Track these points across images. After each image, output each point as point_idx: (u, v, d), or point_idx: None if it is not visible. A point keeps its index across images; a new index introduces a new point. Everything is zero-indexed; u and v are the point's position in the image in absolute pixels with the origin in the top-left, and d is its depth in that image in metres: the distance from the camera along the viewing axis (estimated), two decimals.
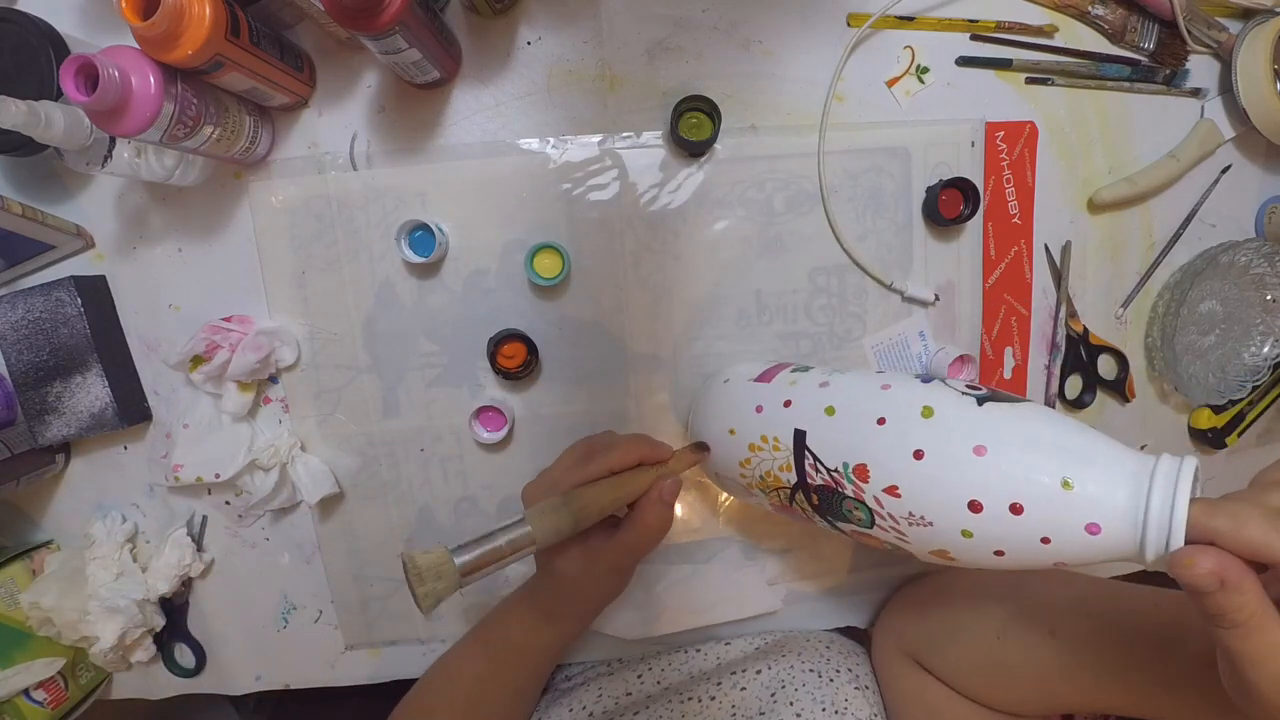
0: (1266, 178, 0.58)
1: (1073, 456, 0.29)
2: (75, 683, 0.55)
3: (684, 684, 0.52)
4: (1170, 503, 0.26)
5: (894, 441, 0.34)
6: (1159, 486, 0.27)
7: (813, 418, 0.39)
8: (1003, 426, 0.32)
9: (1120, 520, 0.28)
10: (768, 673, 0.49)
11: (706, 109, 0.49)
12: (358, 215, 0.51)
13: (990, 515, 0.30)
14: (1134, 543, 0.28)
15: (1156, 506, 0.27)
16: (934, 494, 0.32)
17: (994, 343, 0.57)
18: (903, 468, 0.33)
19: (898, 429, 0.34)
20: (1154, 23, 0.53)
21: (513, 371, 0.51)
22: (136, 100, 0.36)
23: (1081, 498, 0.29)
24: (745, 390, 0.46)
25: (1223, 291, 0.58)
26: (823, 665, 0.50)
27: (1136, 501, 0.27)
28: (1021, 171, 0.54)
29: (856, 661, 0.53)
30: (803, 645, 0.53)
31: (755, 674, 0.49)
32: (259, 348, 0.49)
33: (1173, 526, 0.26)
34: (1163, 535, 0.27)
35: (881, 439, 0.35)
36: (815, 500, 0.39)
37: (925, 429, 0.33)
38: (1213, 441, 0.61)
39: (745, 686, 0.49)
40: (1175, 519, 0.26)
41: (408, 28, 0.38)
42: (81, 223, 0.51)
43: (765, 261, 0.53)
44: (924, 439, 0.33)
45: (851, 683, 0.49)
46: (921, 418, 0.33)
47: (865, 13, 0.50)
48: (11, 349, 0.49)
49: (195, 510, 0.56)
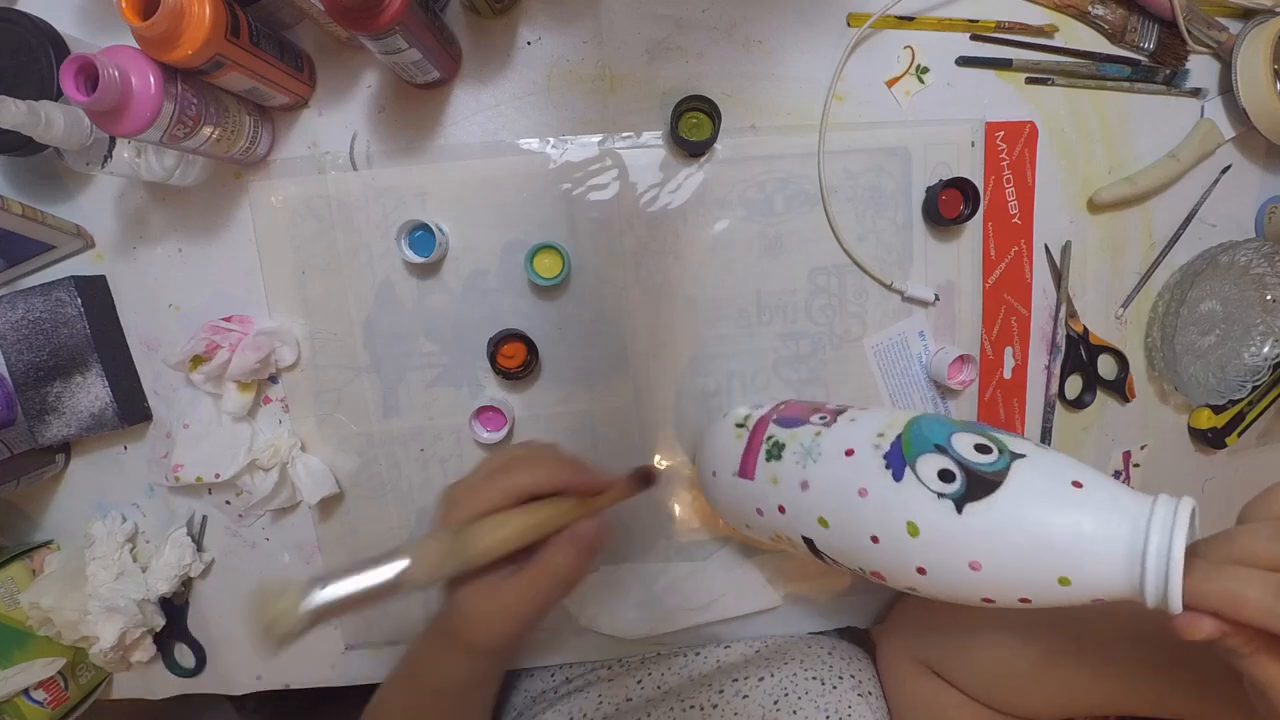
0: (1266, 178, 0.58)
1: (1061, 555, 0.30)
2: (75, 683, 0.55)
3: (685, 689, 0.51)
4: (1164, 584, 0.27)
5: (896, 560, 0.34)
6: (1152, 566, 0.27)
7: (812, 529, 0.38)
8: (988, 538, 0.31)
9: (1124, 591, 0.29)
10: (770, 680, 0.49)
11: (706, 109, 0.49)
12: (358, 215, 0.51)
13: (1003, 604, 0.32)
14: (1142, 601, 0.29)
15: (1151, 587, 0.28)
16: (950, 594, 0.33)
17: (994, 343, 0.57)
18: (913, 579, 0.34)
19: (894, 549, 0.34)
20: (1154, 23, 0.53)
21: (513, 371, 0.51)
22: (136, 100, 0.36)
23: (1081, 588, 0.30)
24: (736, 490, 0.44)
25: (1223, 291, 0.58)
26: (825, 672, 0.50)
27: (1132, 579, 0.28)
28: (1021, 171, 0.54)
29: (859, 667, 0.52)
30: (805, 651, 0.53)
31: (758, 681, 0.49)
32: (259, 348, 0.49)
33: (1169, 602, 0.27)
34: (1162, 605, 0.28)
35: (883, 556, 0.35)
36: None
37: (919, 548, 0.33)
38: (1213, 441, 0.61)
39: (748, 694, 0.48)
40: (1171, 598, 0.27)
41: (408, 28, 0.38)
42: (81, 223, 0.51)
43: (765, 261, 0.53)
44: (921, 558, 0.33)
45: (855, 689, 0.49)
46: (910, 537, 0.33)
47: (865, 13, 0.50)
48: (11, 349, 0.49)
49: (195, 510, 0.56)
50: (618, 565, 0.57)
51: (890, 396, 0.56)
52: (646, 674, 0.54)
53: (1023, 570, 0.30)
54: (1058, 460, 0.32)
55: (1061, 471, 0.31)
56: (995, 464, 0.32)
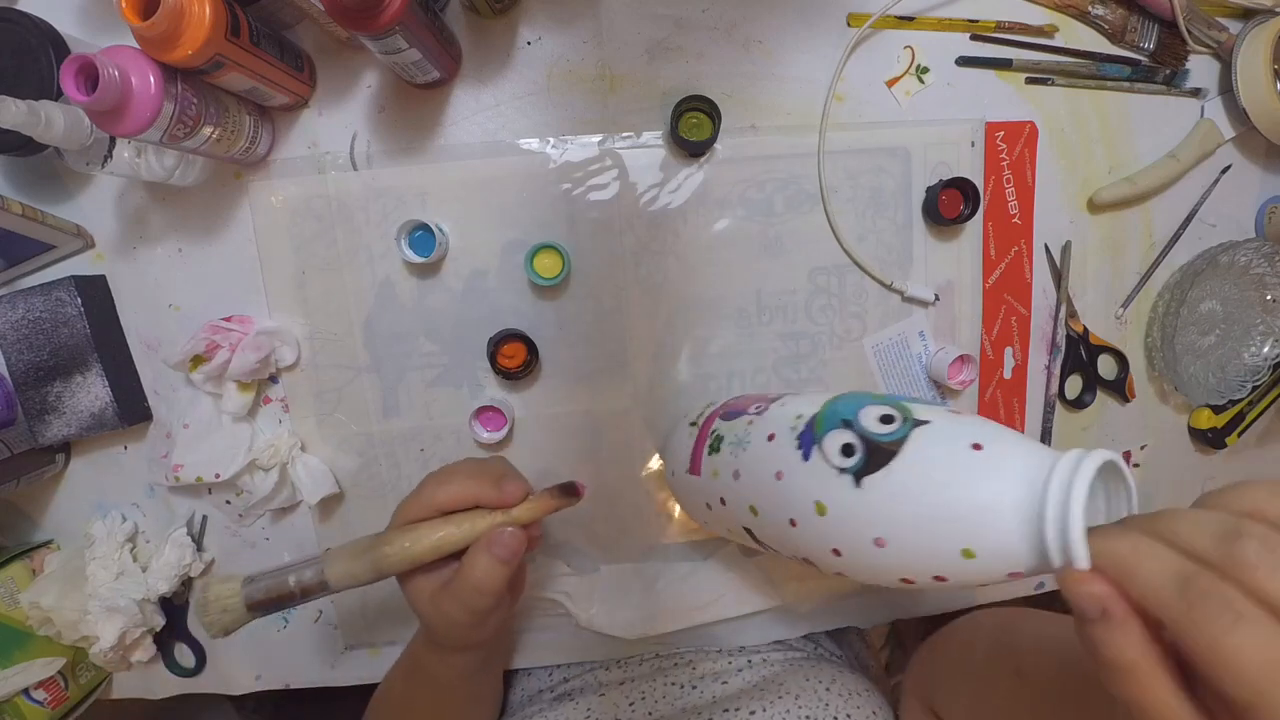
0: (1266, 178, 0.58)
1: (960, 523, 0.27)
2: (75, 683, 0.55)
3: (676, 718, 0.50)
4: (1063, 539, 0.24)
5: (815, 543, 0.33)
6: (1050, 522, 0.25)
7: (748, 518, 0.38)
8: (887, 511, 0.29)
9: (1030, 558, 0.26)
10: (761, 715, 0.48)
11: (706, 109, 0.49)
12: (358, 215, 0.51)
13: (922, 585, 0.30)
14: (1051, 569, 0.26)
15: (1053, 545, 0.25)
16: (869, 576, 0.32)
17: (994, 343, 0.57)
18: (834, 562, 0.33)
19: (810, 531, 0.33)
20: (1154, 23, 0.53)
21: (513, 371, 0.51)
22: (136, 100, 0.36)
23: (988, 560, 0.27)
24: (689, 486, 0.45)
25: (1223, 291, 0.58)
26: (819, 710, 0.48)
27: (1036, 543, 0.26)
28: (1021, 171, 0.54)
29: (856, 705, 0.50)
30: (801, 686, 0.51)
31: (749, 714, 0.48)
32: (259, 348, 0.49)
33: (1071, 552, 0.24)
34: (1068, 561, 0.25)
35: (803, 540, 0.34)
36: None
37: (830, 529, 0.32)
38: (1213, 441, 0.61)
39: None
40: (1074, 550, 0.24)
41: (408, 28, 0.38)
42: (81, 223, 0.51)
43: (765, 261, 0.53)
44: (833, 538, 0.32)
45: None
46: (820, 517, 0.32)
47: (865, 13, 0.50)
48: (11, 349, 0.49)
49: (195, 510, 0.56)
50: (619, 566, 0.57)
51: None
52: (640, 697, 0.53)
53: (924, 544, 0.28)
54: (962, 424, 0.30)
55: (961, 435, 0.29)
56: (895, 433, 0.30)
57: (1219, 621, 0.20)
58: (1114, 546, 0.23)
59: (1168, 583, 0.21)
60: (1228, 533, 0.21)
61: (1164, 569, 0.22)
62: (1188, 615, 0.21)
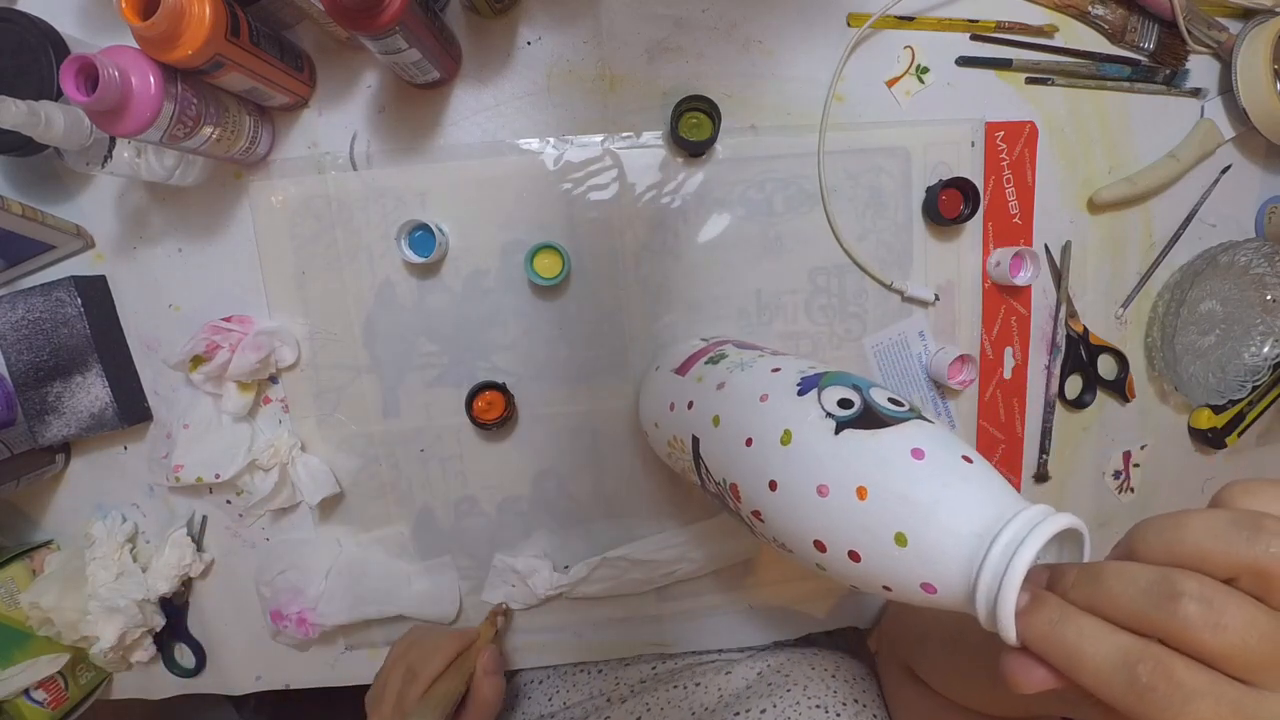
0: (1266, 178, 0.58)
1: (914, 509, 0.26)
2: (75, 683, 0.55)
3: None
4: (992, 606, 0.23)
5: (757, 468, 0.32)
6: (985, 579, 0.24)
7: (705, 425, 0.38)
8: (851, 464, 0.29)
9: (955, 588, 0.25)
10: (773, 711, 0.48)
11: (706, 109, 0.49)
12: (358, 215, 0.51)
13: (833, 557, 0.29)
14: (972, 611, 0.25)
15: (981, 603, 0.24)
16: (787, 526, 0.31)
17: (994, 343, 0.57)
18: (762, 497, 0.32)
19: (761, 455, 0.32)
20: (1154, 23, 0.53)
21: (489, 423, 0.52)
22: (136, 100, 0.36)
23: (915, 556, 0.26)
24: (666, 383, 0.45)
25: (1223, 291, 0.58)
26: (829, 698, 0.49)
27: (968, 574, 0.25)
28: (1021, 171, 0.54)
29: (863, 689, 0.51)
30: (808, 675, 0.51)
31: (760, 713, 0.48)
32: (259, 348, 0.49)
33: (999, 629, 0.23)
34: (992, 623, 0.24)
35: (748, 463, 0.33)
36: (722, 503, 0.38)
37: (781, 459, 0.31)
38: (1213, 441, 0.61)
39: None
40: (1001, 626, 0.23)
41: (408, 28, 0.38)
42: (81, 223, 0.51)
43: (765, 261, 0.53)
44: (778, 470, 0.31)
45: (857, 716, 0.48)
46: (780, 445, 0.31)
47: (865, 13, 0.50)
48: (11, 349, 0.49)
49: (195, 510, 0.56)
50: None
51: None
52: (645, 710, 0.53)
53: (865, 511, 0.27)
54: (960, 440, 0.30)
55: (957, 445, 0.29)
56: (898, 412, 0.30)
57: (1169, 707, 0.20)
58: (1057, 633, 0.23)
59: (1113, 673, 0.21)
60: (1164, 593, 0.21)
61: (1107, 654, 0.21)
62: (1139, 709, 0.21)
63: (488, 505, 0.56)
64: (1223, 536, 0.22)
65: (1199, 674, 0.20)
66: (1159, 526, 0.23)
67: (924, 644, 0.47)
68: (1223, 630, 0.20)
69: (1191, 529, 0.22)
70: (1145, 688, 0.21)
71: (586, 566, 0.55)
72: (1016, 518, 0.24)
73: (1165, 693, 0.20)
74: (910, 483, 0.27)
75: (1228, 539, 0.21)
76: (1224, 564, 0.21)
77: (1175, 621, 0.21)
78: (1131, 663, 0.21)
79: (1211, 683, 0.20)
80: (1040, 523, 0.24)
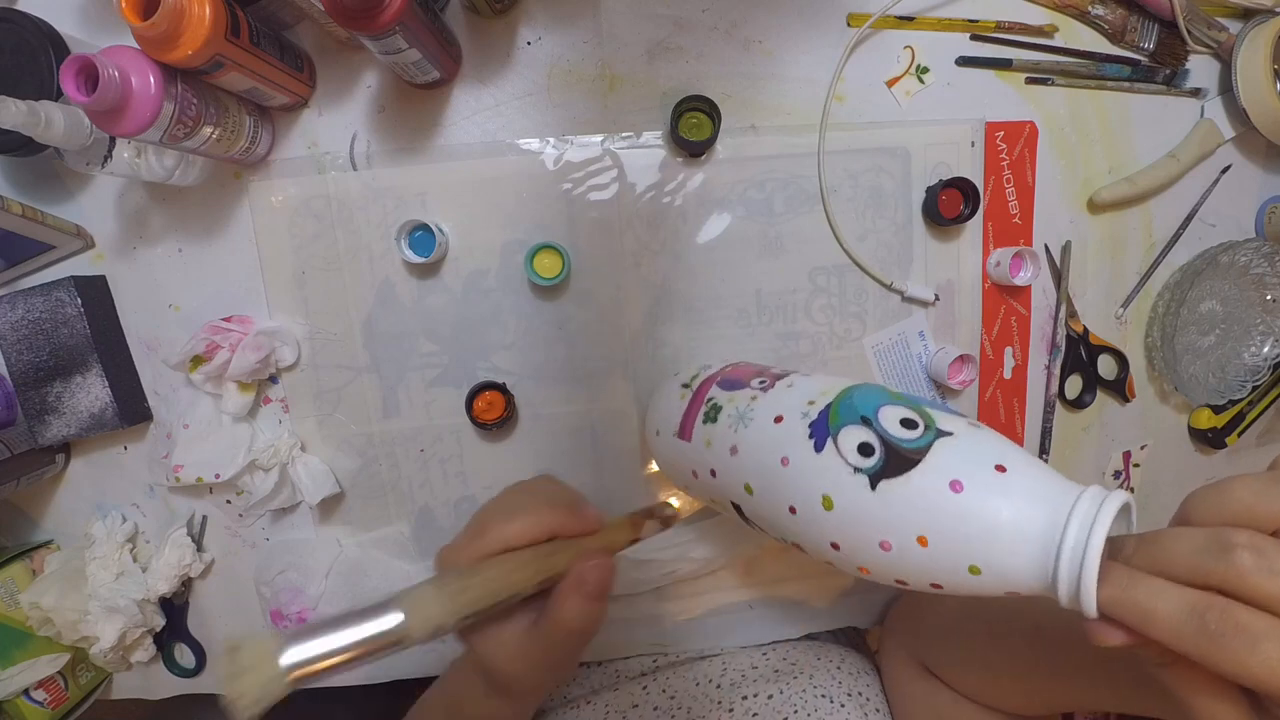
0: (1266, 178, 0.58)
1: (975, 544, 0.28)
2: (75, 683, 0.55)
3: (694, 702, 0.51)
4: (1076, 587, 0.25)
5: (812, 532, 0.33)
6: (1065, 565, 0.25)
7: (740, 494, 0.37)
8: (902, 516, 0.29)
9: (1034, 584, 0.27)
10: (779, 697, 0.49)
11: (706, 109, 0.49)
12: (358, 215, 0.51)
13: (915, 587, 0.31)
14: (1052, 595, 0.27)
15: (1064, 588, 0.26)
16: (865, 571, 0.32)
17: (994, 343, 0.57)
18: (829, 553, 0.33)
19: (810, 521, 0.33)
20: (1154, 23, 0.53)
21: (489, 423, 0.51)
22: (136, 100, 0.36)
23: (991, 578, 0.28)
24: (675, 450, 0.43)
25: (1223, 291, 0.58)
26: (834, 689, 0.50)
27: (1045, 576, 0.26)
28: (1021, 171, 0.54)
29: (867, 683, 0.52)
30: (814, 665, 0.52)
31: (767, 699, 0.49)
32: (259, 348, 0.49)
33: (1082, 606, 0.25)
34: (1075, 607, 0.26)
35: (799, 527, 0.33)
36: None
37: (833, 524, 0.32)
38: (1213, 441, 0.61)
39: (757, 713, 0.48)
40: (1084, 602, 0.25)
41: (408, 28, 0.38)
42: (81, 223, 0.51)
43: (765, 261, 0.53)
44: (834, 533, 0.32)
45: (861, 708, 0.49)
46: (825, 511, 0.31)
47: (865, 13, 0.50)
48: (11, 349, 0.49)
49: (195, 510, 0.56)
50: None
51: None
52: (653, 682, 0.53)
53: (931, 555, 0.29)
54: (985, 441, 0.30)
55: (986, 454, 0.29)
56: (917, 441, 0.30)
57: (1239, 650, 0.22)
58: (1129, 596, 0.24)
59: (1184, 624, 0.23)
60: (1219, 547, 0.23)
61: (1175, 608, 0.23)
62: (1212, 654, 0.22)
63: None
64: (1265, 493, 0.23)
65: (1263, 618, 0.22)
66: (1206, 493, 0.25)
67: (946, 643, 0.47)
68: (1277, 575, 0.22)
69: (1237, 490, 0.24)
70: (1215, 634, 0.22)
71: None
72: (1076, 508, 0.26)
73: (1235, 637, 0.22)
74: (961, 520, 0.28)
75: (1270, 494, 0.23)
76: (1269, 517, 0.23)
77: (1233, 570, 0.22)
78: (1200, 611, 0.22)
79: (1275, 625, 0.22)
80: (1101, 504, 0.25)
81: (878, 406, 0.32)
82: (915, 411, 0.31)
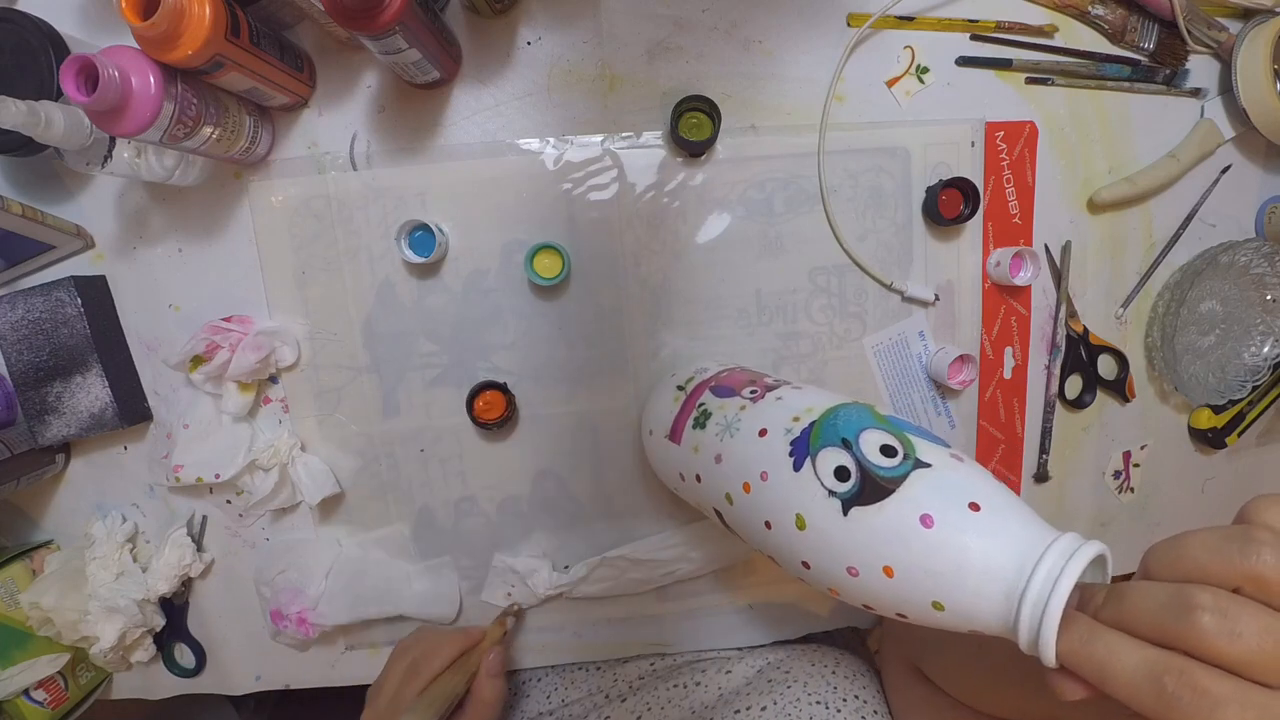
0: (1266, 178, 0.58)
1: (940, 580, 0.28)
2: (75, 683, 0.55)
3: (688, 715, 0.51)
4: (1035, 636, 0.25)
5: (785, 549, 0.33)
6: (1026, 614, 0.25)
7: (721, 503, 0.38)
8: (870, 545, 0.29)
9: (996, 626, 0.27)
10: (773, 708, 0.48)
11: (706, 109, 0.49)
12: (358, 215, 0.51)
13: (882, 613, 0.31)
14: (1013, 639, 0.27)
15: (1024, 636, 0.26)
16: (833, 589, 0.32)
17: (994, 343, 0.57)
18: (800, 571, 0.33)
19: (783, 537, 0.33)
20: (1154, 23, 0.53)
21: (490, 423, 0.51)
22: (136, 100, 0.36)
23: (954, 615, 0.28)
24: (666, 451, 0.45)
25: (1223, 291, 0.58)
26: (829, 694, 0.49)
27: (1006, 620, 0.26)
28: (1021, 171, 0.54)
29: (863, 685, 0.51)
30: (808, 671, 0.52)
31: (760, 710, 0.48)
32: (259, 348, 0.49)
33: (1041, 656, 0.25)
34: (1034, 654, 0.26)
35: (773, 542, 0.34)
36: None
37: (803, 543, 0.32)
38: (1213, 441, 0.61)
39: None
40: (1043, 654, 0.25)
41: (408, 28, 0.38)
42: (81, 223, 0.51)
43: (765, 261, 0.53)
44: (804, 552, 0.32)
45: (858, 711, 0.48)
46: (797, 530, 0.32)
47: (865, 13, 0.50)
48: (11, 349, 0.49)
49: (195, 510, 0.56)
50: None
51: (890, 396, 0.56)
52: (646, 709, 0.53)
53: (897, 586, 0.29)
54: (963, 477, 0.30)
55: (961, 490, 0.29)
56: (894, 470, 0.30)
57: (1197, 715, 0.21)
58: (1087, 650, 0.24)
59: (1141, 685, 0.22)
60: (1181, 606, 0.22)
61: (1133, 667, 0.23)
62: (1169, 717, 0.22)
63: (487, 505, 0.56)
64: (1217, 550, 0.23)
65: (1223, 682, 0.21)
66: (1163, 548, 0.25)
67: (940, 650, 0.47)
68: (1238, 638, 0.21)
69: (1190, 548, 0.24)
70: (1172, 697, 0.22)
71: (586, 566, 0.55)
72: (1045, 557, 0.25)
73: (1192, 701, 0.21)
74: (928, 555, 0.28)
75: (1222, 552, 0.23)
76: (1223, 576, 0.23)
77: (1194, 632, 0.22)
78: (1158, 674, 0.22)
79: (1236, 689, 0.21)
80: (1071, 556, 0.25)
81: (860, 430, 0.32)
82: (897, 438, 0.31)
